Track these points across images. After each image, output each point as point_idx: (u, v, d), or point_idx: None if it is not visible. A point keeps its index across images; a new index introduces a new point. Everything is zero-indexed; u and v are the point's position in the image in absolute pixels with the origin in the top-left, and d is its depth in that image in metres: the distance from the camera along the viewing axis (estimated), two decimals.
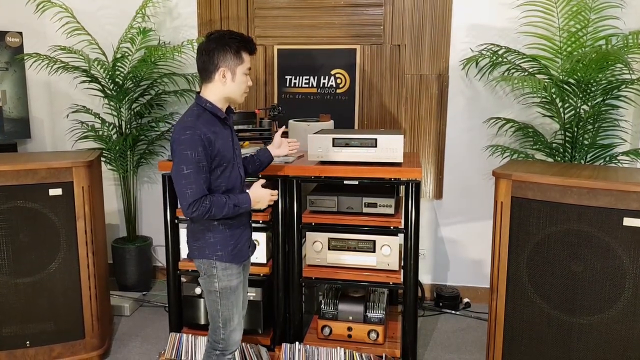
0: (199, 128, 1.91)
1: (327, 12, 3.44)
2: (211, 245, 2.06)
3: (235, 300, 2.11)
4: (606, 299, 2.10)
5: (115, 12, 3.72)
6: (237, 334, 2.15)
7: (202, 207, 1.90)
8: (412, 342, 2.66)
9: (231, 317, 2.11)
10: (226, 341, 2.12)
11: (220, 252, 2.05)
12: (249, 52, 2.02)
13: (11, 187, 2.52)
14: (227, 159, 2.02)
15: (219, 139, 1.97)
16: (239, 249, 2.10)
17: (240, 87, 2.02)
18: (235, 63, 1.98)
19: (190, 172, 1.89)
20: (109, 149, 3.57)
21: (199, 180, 1.90)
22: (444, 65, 3.37)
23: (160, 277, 3.97)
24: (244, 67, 2.00)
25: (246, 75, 2.03)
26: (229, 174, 2.04)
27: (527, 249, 2.26)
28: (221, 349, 2.14)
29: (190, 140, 1.88)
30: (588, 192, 2.09)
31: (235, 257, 2.09)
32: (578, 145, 2.99)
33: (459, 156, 3.47)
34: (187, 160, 1.88)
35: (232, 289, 2.10)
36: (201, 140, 1.89)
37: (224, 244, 2.06)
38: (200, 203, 1.90)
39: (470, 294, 3.57)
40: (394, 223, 2.60)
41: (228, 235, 2.06)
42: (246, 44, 2.00)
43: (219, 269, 2.06)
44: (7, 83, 3.50)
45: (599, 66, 2.78)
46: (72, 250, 2.65)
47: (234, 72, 1.99)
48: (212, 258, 2.06)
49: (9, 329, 2.61)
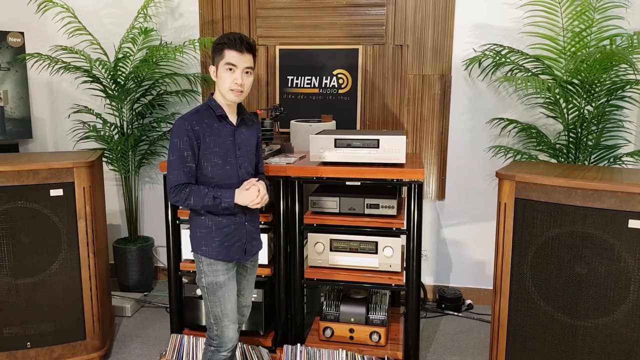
0: (188, 119, 2.02)
1: (329, 12, 3.43)
2: (197, 239, 2.12)
3: (222, 297, 2.11)
4: (611, 301, 2.08)
5: (116, 12, 3.72)
6: (229, 332, 2.14)
7: (182, 194, 2.01)
8: (414, 344, 2.65)
9: (220, 314, 2.12)
10: (220, 338, 2.14)
11: (204, 248, 2.10)
12: (233, 49, 2.00)
13: (12, 188, 2.51)
14: (220, 155, 2.07)
15: (212, 134, 2.05)
16: (225, 247, 2.11)
17: (223, 83, 2.03)
18: (218, 59, 2.04)
19: (174, 158, 2.01)
20: (111, 149, 3.56)
21: (179, 166, 2.01)
22: (447, 66, 3.36)
23: (162, 277, 3.96)
24: (223, 62, 2.02)
25: (229, 71, 2.01)
26: (221, 171, 2.08)
27: (530, 251, 2.24)
28: (216, 345, 2.15)
29: (178, 129, 2.01)
30: (593, 193, 2.07)
31: (220, 254, 2.10)
32: (582, 146, 2.97)
33: (461, 157, 3.45)
34: (173, 147, 2.01)
35: (218, 285, 2.10)
36: (187, 130, 2.00)
37: (209, 239, 2.10)
38: (180, 189, 2.01)
39: (473, 295, 3.55)
40: (396, 224, 2.59)
41: (213, 231, 2.10)
42: (228, 40, 2.00)
43: (204, 264, 2.11)
44: (9, 83, 3.49)
45: (603, 66, 2.76)
46: (73, 250, 2.64)
47: (217, 68, 2.05)
48: (197, 252, 2.12)
49: (9, 329, 2.60)
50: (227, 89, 2.03)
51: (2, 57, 3.45)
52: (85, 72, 3.39)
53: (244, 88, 2.04)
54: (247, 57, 2.02)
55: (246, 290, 2.31)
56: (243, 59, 2.01)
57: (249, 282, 2.31)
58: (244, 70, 2.02)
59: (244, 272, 2.27)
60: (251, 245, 2.21)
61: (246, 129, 2.18)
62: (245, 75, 2.03)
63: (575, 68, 2.83)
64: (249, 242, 2.19)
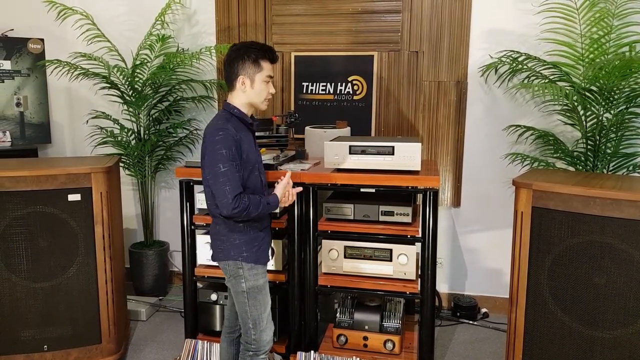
0: (230, 129, 2.01)
1: (344, 19, 3.44)
2: (237, 246, 2.13)
3: (262, 300, 2.16)
4: (630, 312, 2.04)
5: (134, 19, 3.77)
6: (267, 334, 2.18)
7: (243, 204, 1.98)
8: (428, 352, 2.62)
9: (260, 317, 2.15)
10: (258, 342, 2.16)
11: (245, 253, 2.12)
12: (269, 60, 2.11)
13: (31, 192, 2.55)
14: (252, 163, 2.11)
15: (245, 143, 2.08)
16: (262, 251, 2.18)
17: (260, 94, 2.10)
18: (253, 71, 2.07)
19: (227, 169, 1.97)
20: (128, 154, 3.60)
21: (235, 176, 1.99)
22: (463, 72, 3.34)
23: (177, 282, 3.98)
24: (262, 75, 2.09)
25: (267, 83, 2.11)
26: (254, 177, 2.13)
27: (548, 260, 2.21)
28: (254, 349, 2.17)
29: (224, 139, 1.98)
30: (611, 202, 2.04)
31: (259, 258, 2.16)
32: (600, 153, 2.93)
33: (477, 164, 3.42)
34: (224, 158, 1.97)
35: (259, 288, 2.15)
36: (234, 140, 2.00)
37: (249, 245, 2.13)
38: (240, 199, 1.98)
39: (489, 303, 3.51)
40: (411, 232, 2.57)
41: (252, 237, 2.14)
42: (265, 52, 2.09)
43: (245, 269, 2.13)
44: (29, 89, 3.55)
45: (622, 73, 2.72)
46: (90, 255, 2.67)
47: (252, 80, 2.08)
48: (237, 259, 2.12)
49: (27, 332, 2.63)
50: (263, 99, 2.12)
51: (23, 63, 3.51)
52: (104, 79, 3.44)
53: None
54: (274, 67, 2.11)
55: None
56: (273, 68, 2.12)
57: None
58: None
59: None
60: (272, 250, 2.26)
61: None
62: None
63: (593, 75, 2.79)
64: (270, 245, 2.28)
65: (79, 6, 3.53)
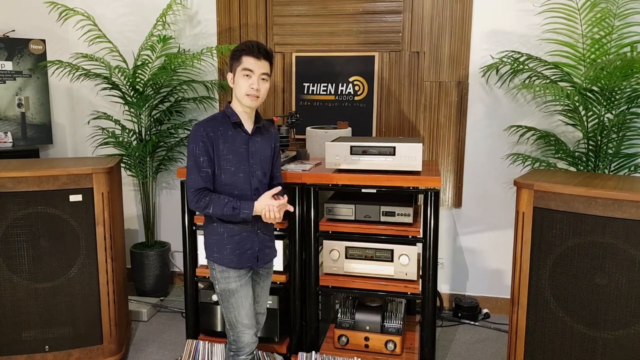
0: (203, 126, 2.07)
1: (345, 20, 3.44)
2: (210, 246, 2.16)
3: (235, 304, 2.15)
4: (632, 313, 2.04)
5: (136, 20, 3.77)
6: (245, 337, 2.18)
7: (202, 202, 2.04)
8: (430, 353, 2.62)
9: (234, 320, 2.16)
10: (237, 342, 2.19)
11: (216, 255, 2.14)
12: (251, 55, 2.04)
13: (32, 193, 2.55)
14: (233, 163, 2.09)
15: (226, 142, 2.09)
16: (237, 255, 2.13)
17: (240, 88, 2.07)
18: (235, 66, 2.07)
19: (191, 164, 2.06)
20: (129, 155, 3.61)
21: (196, 171, 2.05)
22: (464, 73, 3.34)
23: (178, 282, 3.99)
24: (240, 68, 2.05)
25: (247, 77, 2.05)
26: (234, 178, 2.10)
27: (549, 261, 2.21)
28: (234, 350, 2.21)
29: (193, 135, 2.06)
30: (613, 203, 2.04)
31: (231, 261, 2.12)
32: (602, 154, 2.93)
33: (478, 164, 3.42)
34: (190, 153, 2.06)
35: (231, 292, 2.14)
36: (202, 136, 2.04)
37: (220, 246, 2.13)
38: (200, 197, 2.04)
39: (490, 304, 3.51)
40: (412, 232, 2.57)
41: (225, 238, 2.13)
42: (246, 47, 2.05)
43: (217, 270, 2.15)
44: (30, 89, 3.56)
45: (623, 74, 2.72)
46: (91, 255, 2.67)
47: (234, 74, 2.09)
48: (210, 259, 2.16)
49: (28, 333, 2.63)
50: (243, 94, 2.06)
51: (24, 64, 3.52)
52: (105, 79, 3.44)
53: (260, 93, 2.07)
54: (263, 64, 2.06)
55: (260, 297, 2.32)
56: (259, 64, 2.05)
57: (263, 290, 2.32)
58: (260, 76, 2.06)
59: (258, 279, 2.29)
60: (264, 254, 2.22)
61: (261, 138, 2.20)
62: (261, 81, 2.07)
63: (595, 75, 2.79)
64: (262, 250, 2.20)
65: (80, 7, 3.53)
